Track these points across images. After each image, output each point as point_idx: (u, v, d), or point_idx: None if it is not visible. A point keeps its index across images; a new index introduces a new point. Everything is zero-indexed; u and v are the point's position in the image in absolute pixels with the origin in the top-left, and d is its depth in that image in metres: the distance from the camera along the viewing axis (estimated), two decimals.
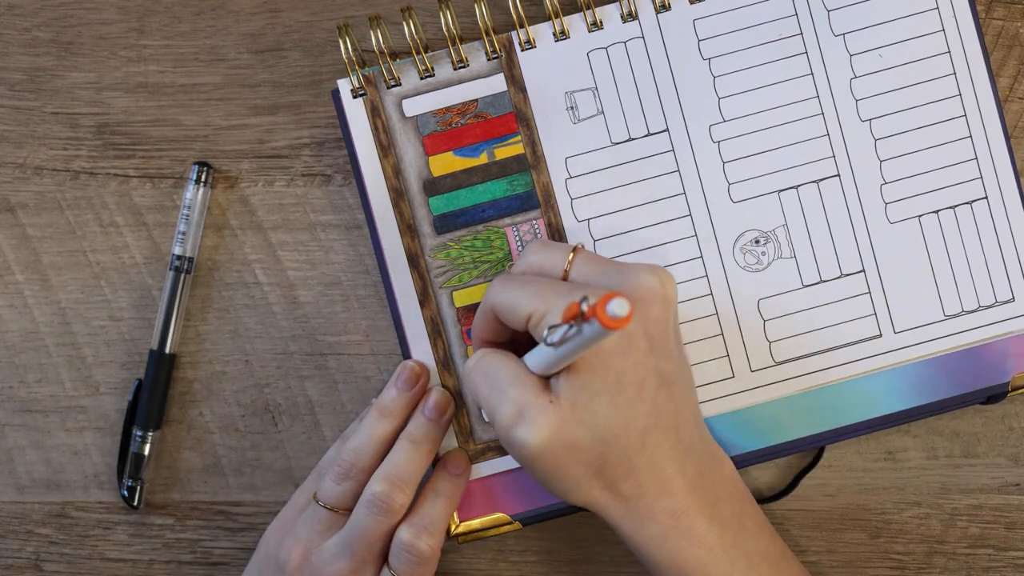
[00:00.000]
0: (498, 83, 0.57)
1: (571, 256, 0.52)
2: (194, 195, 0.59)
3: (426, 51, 0.57)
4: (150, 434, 0.60)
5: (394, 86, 0.57)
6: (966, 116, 0.57)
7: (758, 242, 0.58)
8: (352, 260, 0.60)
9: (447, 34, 0.56)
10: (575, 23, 0.57)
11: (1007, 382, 0.58)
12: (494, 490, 0.58)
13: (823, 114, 0.57)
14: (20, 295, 0.61)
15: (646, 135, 0.57)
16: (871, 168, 0.57)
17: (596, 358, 0.49)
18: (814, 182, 0.57)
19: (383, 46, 0.56)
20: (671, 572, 0.52)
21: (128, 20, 0.60)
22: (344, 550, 0.54)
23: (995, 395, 0.58)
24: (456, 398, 0.58)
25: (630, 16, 0.57)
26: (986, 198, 0.58)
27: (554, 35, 0.57)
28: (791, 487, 0.60)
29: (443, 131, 0.57)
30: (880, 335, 0.58)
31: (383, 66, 0.57)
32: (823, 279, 0.58)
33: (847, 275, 0.58)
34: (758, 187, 0.57)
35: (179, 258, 0.59)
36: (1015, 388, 0.58)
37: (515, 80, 0.57)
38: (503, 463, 0.58)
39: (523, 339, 0.53)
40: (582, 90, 0.57)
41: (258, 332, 0.60)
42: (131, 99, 0.60)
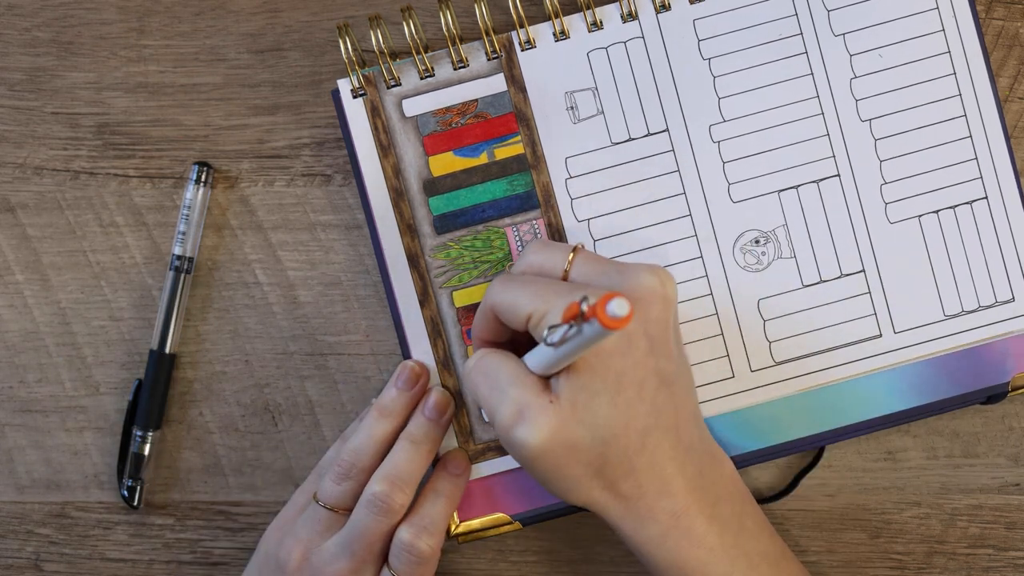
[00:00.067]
0: (498, 83, 0.57)
1: (571, 256, 0.52)
2: (194, 195, 0.59)
3: (426, 51, 0.57)
4: (150, 434, 0.60)
5: (394, 86, 0.57)
6: (966, 116, 0.57)
7: (758, 242, 0.58)
8: (352, 260, 0.60)
9: (447, 34, 0.56)
10: (575, 23, 0.57)
11: (1007, 382, 0.58)
12: (494, 490, 0.58)
13: (823, 114, 0.57)
14: (20, 295, 0.61)
15: (646, 135, 0.57)
16: (871, 168, 0.57)
17: (596, 358, 0.49)
18: (814, 182, 0.57)
19: (383, 46, 0.56)
20: (671, 572, 0.52)
21: (128, 20, 0.60)
22: (344, 550, 0.54)
23: (995, 395, 0.58)
24: (456, 398, 0.58)
25: (630, 16, 0.57)
26: (986, 198, 0.58)
27: (554, 35, 0.57)
28: (791, 487, 0.60)
29: (443, 131, 0.57)
30: (880, 335, 0.58)
31: (383, 66, 0.57)
32: (823, 279, 0.58)
33: (847, 275, 0.58)
34: (758, 187, 0.57)
35: (179, 258, 0.59)
36: (1015, 388, 0.58)
37: (515, 80, 0.57)
38: (503, 463, 0.58)
39: (523, 339, 0.53)
40: (582, 90, 0.57)
41: (258, 332, 0.60)
42: (131, 99, 0.60)
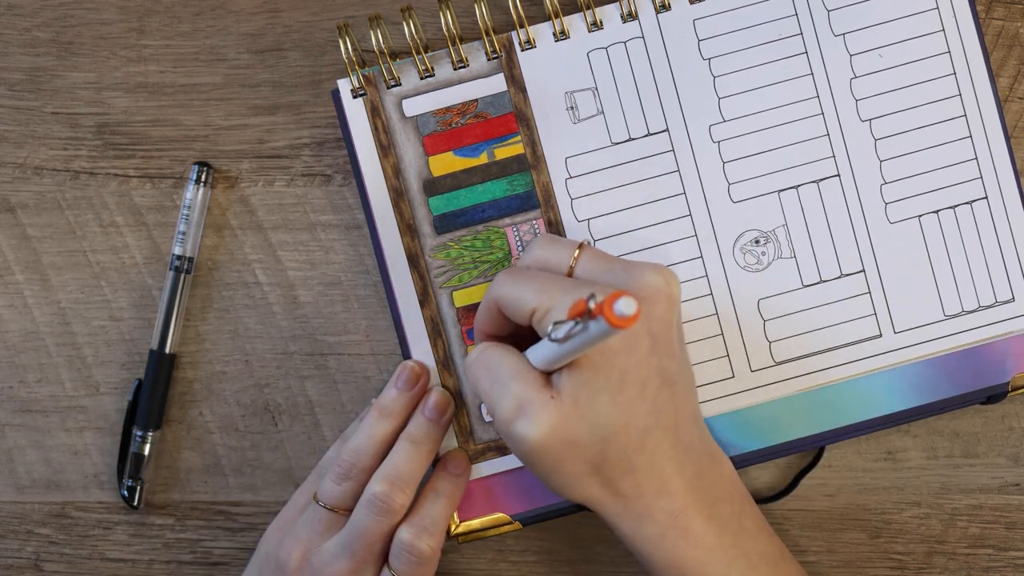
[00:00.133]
0: (498, 83, 0.57)
1: (577, 252, 0.52)
2: (194, 195, 0.59)
3: (426, 51, 0.57)
4: (150, 434, 0.60)
5: (394, 86, 0.57)
6: (966, 116, 0.57)
7: (758, 242, 0.58)
8: (352, 260, 0.60)
9: (447, 34, 0.56)
10: (575, 23, 0.57)
11: (1007, 382, 0.58)
12: (494, 490, 0.58)
13: (823, 114, 0.57)
14: (20, 295, 0.61)
15: (646, 135, 0.57)
16: (871, 168, 0.57)
17: (599, 356, 0.49)
18: (814, 182, 0.57)
19: (383, 46, 0.56)
20: (669, 572, 0.52)
21: (128, 20, 0.60)
22: (344, 550, 0.54)
23: (995, 395, 0.58)
24: (456, 398, 0.58)
25: (630, 16, 0.57)
26: (986, 198, 0.58)
27: (554, 35, 0.57)
28: (791, 487, 0.60)
29: (443, 131, 0.57)
30: (880, 335, 0.58)
31: (383, 66, 0.57)
32: (823, 279, 0.58)
33: (847, 275, 0.58)
34: (758, 187, 0.57)
35: (179, 258, 0.59)
36: (1015, 388, 0.58)
37: (515, 80, 0.57)
38: (503, 463, 0.58)
39: (526, 333, 0.53)
40: (582, 90, 0.57)
41: (258, 332, 0.60)
42: (131, 99, 0.60)
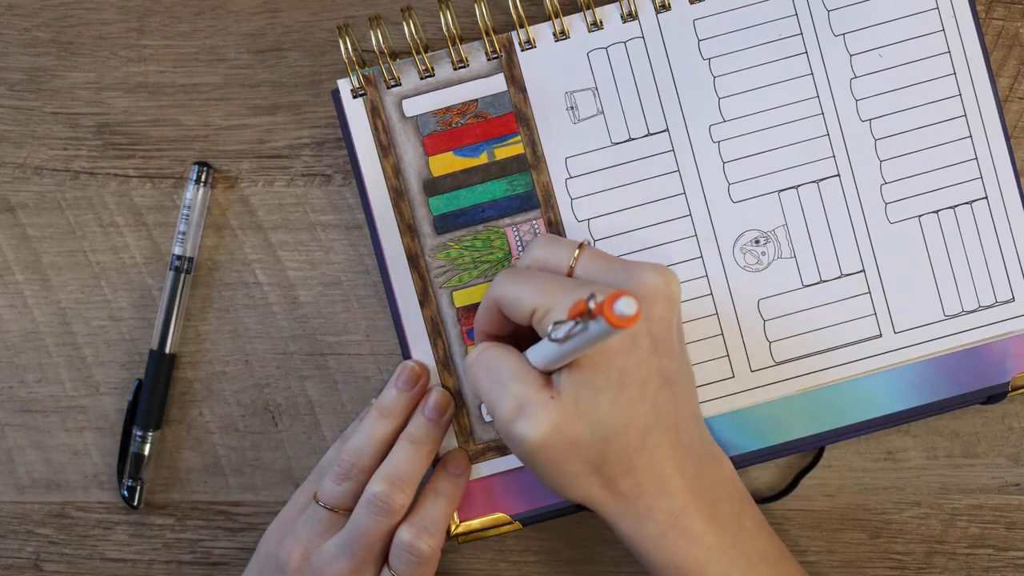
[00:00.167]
0: (498, 83, 0.57)
1: (577, 252, 0.52)
2: (194, 195, 0.59)
3: (426, 51, 0.57)
4: (150, 434, 0.60)
5: (394, 86, 0.57)
6: (966, 116, 0.57)
7: (758, 242, 0.58)
8: (352, 260, 0.60)
9: (447, 34, 0.56)
10: (575, 23, 0.57)
11: (1007, 382, 0.58)
12: (494, 490, 0.58)
13: (823, 114, 0.57)
14: (20, 295, 0.61)
15: (646, 135, 0.57)
16: (871, 168, 0.57)
17: (600, 355, 0.49)
18: (814, 182, 0.57)
19: (383, 46, 0.56)
20: (669, 572, 0.52)
21: (128, 20, 0.60)
22: (344, 550, 0.54)
23: (995, 395, 0.58)
24: (456, 398, 0.58)
25: (630, 16, 0.57)
26: (986, 198, 0.58)
27: (554, 35, 0.57)
28: (791, 487, 0.60)
29: (443, 131, 0.57)
30: (880, 335, 0.58)
31: (383, 66, 0.57)
32: (823, 279, 0.58)
33: (847, 275, 0.58)
34: (758, 187, 0.57)
35: (179, 258, 0.59)
36: (1015, 388, 0.58)
37: (515, 80, 0.57)
38: (503, 463, 0.58)
39: (526, 333, 0.53)
40: (582, 90, 0.57)
41: (258, 332, 0.60)
42: (131, 99, 0.60)
